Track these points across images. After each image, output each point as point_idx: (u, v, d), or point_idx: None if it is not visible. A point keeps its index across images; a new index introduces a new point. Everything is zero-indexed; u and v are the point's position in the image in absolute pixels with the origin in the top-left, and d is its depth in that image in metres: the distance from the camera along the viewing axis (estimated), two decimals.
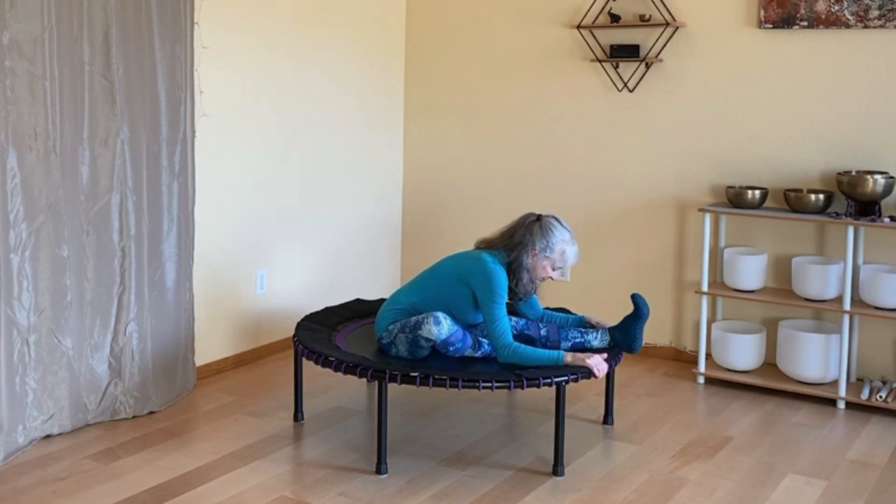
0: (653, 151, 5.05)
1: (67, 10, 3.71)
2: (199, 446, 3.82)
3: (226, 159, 4.64)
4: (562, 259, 3.71)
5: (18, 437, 3.67)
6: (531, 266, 3.70)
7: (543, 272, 3.72)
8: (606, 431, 4.08)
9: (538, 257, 3.69)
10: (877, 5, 4.41)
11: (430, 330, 3.64)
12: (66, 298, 3.81)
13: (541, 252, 3.68)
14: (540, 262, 3.70)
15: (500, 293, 3.63)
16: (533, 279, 3.74)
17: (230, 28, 4.57)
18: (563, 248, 3.70)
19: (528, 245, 3.68)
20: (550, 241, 3.69)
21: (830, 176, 4.59)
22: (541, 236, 3.69)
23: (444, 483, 3.52)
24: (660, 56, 4.95)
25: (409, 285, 3.90)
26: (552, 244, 3.69)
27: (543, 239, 3.68)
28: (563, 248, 3.71)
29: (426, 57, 5.69)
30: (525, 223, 3.74)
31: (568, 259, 3.73)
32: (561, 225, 3.75)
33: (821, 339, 4.44)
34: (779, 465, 3.75)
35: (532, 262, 3.70)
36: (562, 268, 3.76)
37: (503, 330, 3.60)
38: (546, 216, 3.77)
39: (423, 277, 3.88)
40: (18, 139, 3.58)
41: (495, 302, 3.61)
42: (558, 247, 3.70)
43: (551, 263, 3.71)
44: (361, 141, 5.47)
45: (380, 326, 3.82)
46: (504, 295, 3.65)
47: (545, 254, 3.69)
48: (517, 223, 3.77)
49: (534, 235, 3.69)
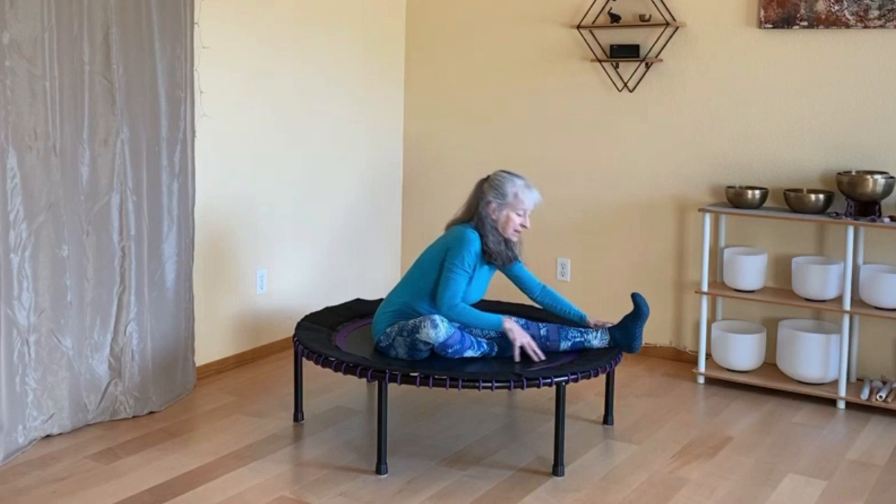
0: (653, 151, 5.05)
1: (67, 10, 3.71)
2: (199, 446, 3.82)
3: (226, 159, 4.64)
4: (518, 203, 3.78)
5: (18, 437, 3.67)
6: (495, 221, 3.79)
7: (509, 223, 3.79)
8: (606, 431, 4.08)
9: (497, 210, 3.78)
10: (877, 5, 4.41)
11: (427, 333, 3.65)
12: (66, 298, 3.81)
13: (497, 204, 3.78)
14: (501, 214, 3.78)
15: (466, 257, 3.71)
16: (503, 233, 3.80)
17: (230, 28, 4.58)
18: (515, 192, 3.79)
19: (484, 203, 3.79)
20: (502, 190, 3.79)
21: (830, 176, 4.59)
22: (492, 189, 3.80)
23: (444, 483, 3.52)
24: (660, 56, 4.95)
25: (399, 285, 3.93)
26: (505, 192, 3.78)
27: (495, 191, 3.79)
28: (516, 192, 3.79)
29: (426, 57, 5.69)
30: (477, 188, 3.86)
31: (524, 202, 3.79)
32: (510, 174, 3.85)
33: (821, 339, 4.44)
34: (779, 465, 3.75)
35: (494, 216, 3.78)
36: (524, 213, 3.80)
37: (455, 291, 3.70)
38: (494, 173, 3.88)
39: (408, 274, 3.92)
40: (18, 139, 3.58)
41: (460, 265, 3.71)
42: (510, 192, 3.78)
43: (512, 210, 3.78)
44: (361, 140, 5.47)
45: (377, 330, 3.83)
46: (469, 261, 3.72)
47: (500, 202, 3.78)
48: (472, 192, 3.88)
49: (486, 193, 3.80)
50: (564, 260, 5.35)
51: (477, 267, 3.80)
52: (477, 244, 3.75)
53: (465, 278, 3.73)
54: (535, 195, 3.83)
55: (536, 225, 5.40)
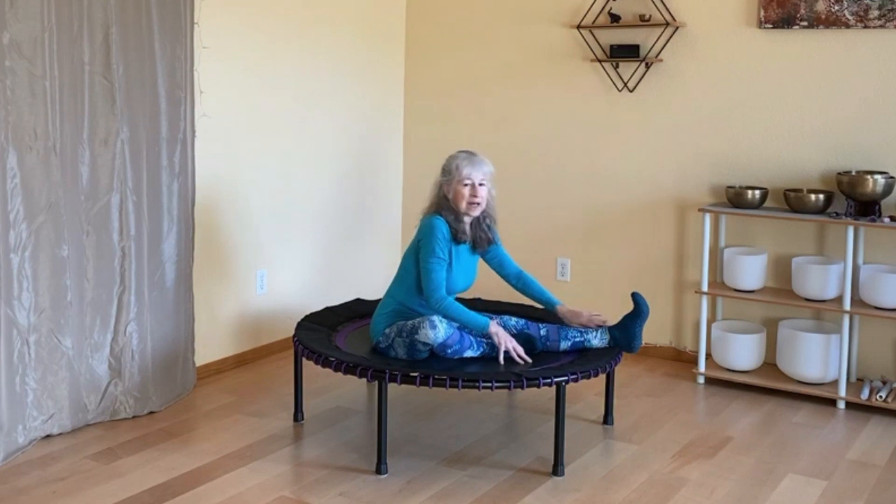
0: (653, 151, 5.05)
1: (67, 10, 3.71)
2: (199, 446, 3.82)
3: (226, 159, 4.64)
4: (460, 174, 3.82)
5: (18, 437, 3.67)
6: (449, 200, 3.84)
7: (459, 197, 3.82)
8: (606, 431, 4.08)
9: (447, 187, 3.84)
10: (877, 5, 4.41)
11: (426, 334, 3.66)
12: (66, 298, 3.81)
13: (445, 181, 3.85)
14: (451, 190, 3.83)
15: (435, 245, 3.74)
16: (458, 209, 3.83)
17: (230, 28, 4.57)
18: (456, 165, 3.85)
19: (436, 183, 3.88)
20: (447, 168, 3.88)
21: (830, 176, 4.59)
22: (441, 171, 3.90)
23: (444, 483, 3.52)
24: (660, 56, 4.95)
25: (391, 285, 3.96)
26: (449, 169, 3.87)
27: (443, 170, 3.90)
28: (457, 165, 3.85)
29: (426, 58, 5.69)
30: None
31: (463, 171, 3.82)
32: (459, 151, 3.93)
33: (821, 339, 4.44)
34: (779, 465, 3.75)
35: (449, 196, 3.84)
36: (470, 184, 3.82)
37: (437, 283, 3.72)
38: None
39: (397, 273, 3.95)
40: (18, 139, 3.58)
41: (432, 254, 3.74)
42: (452, 166, 3.86)
43: (458, 184, 3.82)
44: (361, 141, 5.47)
45: (375, 331, 3.84)
46: (441, 246, 3.75)
47: (447, 178, 3.85)
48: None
49: (439, 176, 3.89)
50: (564, 260, 5.35)
51: (453, 252, 3.81)
52: (443, 228, 3.78)
53: (441, 266, 3.75)
54: (477, 165, 3.85)
55: (536, 225, 5.43)
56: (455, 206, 3.82)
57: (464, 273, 3.88)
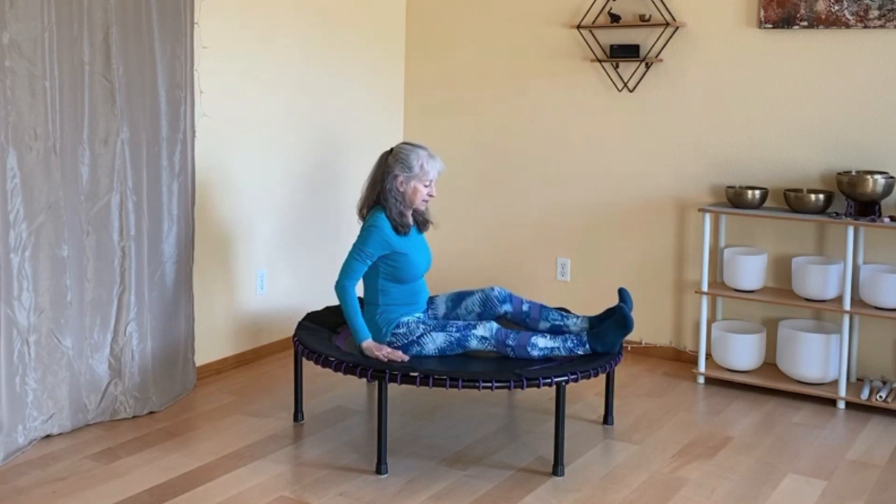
0: (653, 151, 5.05)
1: (67, 10, 3.71)
2: (199, 446, 3.82)
3: (226, 159, 4.64)
4: (424, 174, 3.81)
5: (18, 437, 3.67)
6: (402, 193, 3.81)
7: (416, 194, 3.82)
8: (606, 431, 4.08)
9: (405, 183, 3.80)
10: (877, 5, 4.41)
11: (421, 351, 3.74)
12: (66, 298, 3.81)
13: (405, 177, 3.80)
14: (409, 186, 3.81)
15: (367, 246, 3.75)
16: (411, 205, 3.83)
17: (230, 28, 4.57)
18: (421, 164, 3.81)
19: (391, 177, 3.80)
20: (408, 163, 3.81)
21: (830, 176, 4.59)
22: (398, 163, 3.81)
23: (444, 483, 3.52)
24: (660, 56, 4.95)
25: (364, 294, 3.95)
26: (411, 165, 3.80)
27: (401, 164, 3.81)
28: (422, 164, 3.82)
29: (426, 57, 5.69)
30: (379, 162, 3.88)
31: (429, 172, 3.82)
32: (413, 146, 3.87)
33: (821, 339, 4.44)
34: (779, 465, 3.75)
35: (402, 189, 3.81)
36: (430, 183, 3.83)
37: (351, 273, 3.76)
38: (396, 146, 3.90)
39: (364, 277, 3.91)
40: (18, 139, 3.58)
41: (362, 249, 3.76)
42: (416, 164, 3.81)
43: (419, 182, 3.81)
44: (361, 141, 5.47)
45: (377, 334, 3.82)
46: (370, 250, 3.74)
47: (407, 175, 3.80)
48: (373, 168, 3.91)
49: (392, 166, 3.82)
50: (564, 260, 5.35)
51: (405, 241, 3.81)
52: (384, 229, 3.76)
53: (361, 266, 3.76)
54: (438, 164, 3.87)
55: (536, 225, 5.43)
56: (409, 201, 3.83)
57: (422, 255, 3.91)
